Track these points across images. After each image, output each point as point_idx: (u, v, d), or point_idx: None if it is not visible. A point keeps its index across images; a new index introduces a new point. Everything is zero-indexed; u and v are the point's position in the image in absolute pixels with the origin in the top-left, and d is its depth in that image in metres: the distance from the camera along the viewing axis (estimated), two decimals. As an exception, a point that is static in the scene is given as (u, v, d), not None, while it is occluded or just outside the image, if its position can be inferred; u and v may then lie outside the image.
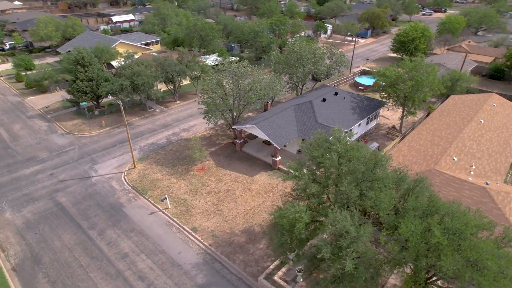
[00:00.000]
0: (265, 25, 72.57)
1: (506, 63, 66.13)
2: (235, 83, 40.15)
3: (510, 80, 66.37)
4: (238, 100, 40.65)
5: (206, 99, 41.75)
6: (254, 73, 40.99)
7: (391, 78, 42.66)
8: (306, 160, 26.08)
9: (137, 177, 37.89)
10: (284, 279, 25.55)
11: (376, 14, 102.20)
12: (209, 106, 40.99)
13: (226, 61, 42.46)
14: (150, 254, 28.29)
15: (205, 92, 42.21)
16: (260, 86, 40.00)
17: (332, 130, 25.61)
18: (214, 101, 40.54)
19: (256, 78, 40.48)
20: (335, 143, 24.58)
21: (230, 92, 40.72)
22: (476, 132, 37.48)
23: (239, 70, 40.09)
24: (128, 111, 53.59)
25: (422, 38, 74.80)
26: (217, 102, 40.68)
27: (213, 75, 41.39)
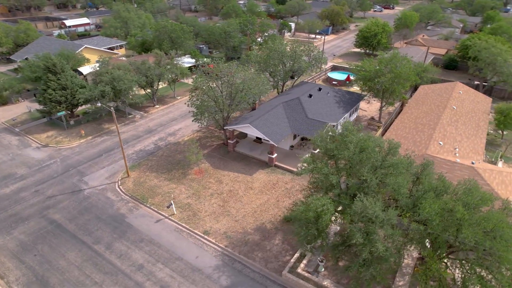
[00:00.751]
0: (235, 25, 72.78)
1: (458, 54, 72.38)
2: (226, 83, 40.13)
3: (462, 69, 72.67)
4: (230, 100, 40.67)
5: (196, 101, 41.29)
6: (246, 73, 41.21)
7: (371, 72, 45.09)
8: (319, 153, 27.06)
9: (133, 186, 36.59)
10: (306, 271, 26.33)
11: (336, 11, 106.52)
12: (200, 108, 40.59)
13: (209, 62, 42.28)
14: (167, 262, 27.64)
15: (195, 94, 41.70)
16: (251, 85, 40.34)
17: (344, 123, 26.79)
18: (204, 103, 40.20)
19: (248, 77, 40.76)
20: (348, 135, 25.79)
21: (219, 93, 40.60)
22: (452, 118, 40.93)
23: (231, 69, 40.14)
24: (106, 118, 51.27)
25: (383, 33, 79.53)
26: (208, 103, 40.38)
27: (203, 76, 40.97)
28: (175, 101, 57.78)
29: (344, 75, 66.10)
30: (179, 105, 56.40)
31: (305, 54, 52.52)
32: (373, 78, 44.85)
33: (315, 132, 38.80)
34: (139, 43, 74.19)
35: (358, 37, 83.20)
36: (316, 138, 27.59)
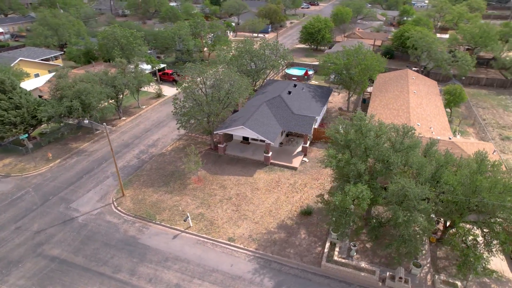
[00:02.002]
0: (187, 28, 70.95)
1: (393, 45, 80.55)
2: (216, 87, 39.40)
3: (398, 57, 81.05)
4: (218, 104, 39.96)
5: (181, 109, 39.89)
6: (233, 75, 40.81)
7: (341, 65, 48.12)
8: (334, 145, 28.57)
9: (133, 205, 34.08)
10: (341, 257, 27.63)
11: (273, 9, 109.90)
12: (187, 115, 39.27)
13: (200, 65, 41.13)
14: (203, 277, 26.61)
15: (179, 101, 40.20)
16: (239, 87, 40.18)
17: (356, 114, 28.56)
18: (193, 109, 38.99)
19: (235, 79, 40.47)
20: (363, 124, 27.63)
21: (206, 97, 39.73)
22: (417, 101, 45.85)
23: (218, 73, 39.50)
24: (70, 137, 46.41)
25: (326, 28, 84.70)
26: (194, 109, 39.24)
27: (190, 81, 39.56)
28: (141, 111, 54.58)
29: (302, 70, 68.97)
30: (146, 115, 53.45)
31: (272, 52, 53.72)
32: (343, 70, 47.92)
33: (303, 127, 40.82)
34: (82, 53, 67.98)
35: (303, 33, 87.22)
36: (332, 131, 29.00)
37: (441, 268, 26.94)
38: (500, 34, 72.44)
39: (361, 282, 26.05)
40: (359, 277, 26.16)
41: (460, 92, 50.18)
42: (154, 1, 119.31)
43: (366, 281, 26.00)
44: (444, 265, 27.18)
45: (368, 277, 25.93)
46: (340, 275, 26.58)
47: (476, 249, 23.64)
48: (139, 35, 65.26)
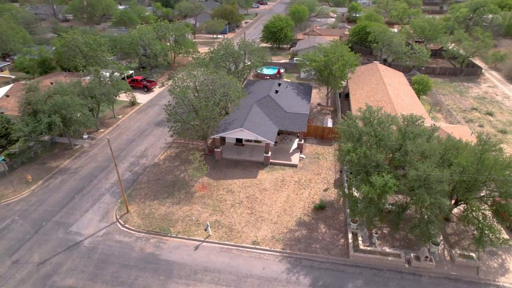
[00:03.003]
0: (152, 33, 68.09)
1: (352, 40, 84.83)
2: (210, 91, 38.49)
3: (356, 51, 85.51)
4: (215, 108, 39.09)
5: (176, 116, 38.51)
6: (227, 78, 40.11)
7: (321, 62, 49.71)
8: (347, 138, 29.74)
9: (142, 220, 32.23)
10: (366, 245, 28.83)
11: (229, 10, 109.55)
12: (185, 121, 38.02)
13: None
14: (239, 284, 26.11)
15: (172, 108, 38.75)
16: (235, 88, 39.72)
17: (366, 107, 29.89)
18: (190, 116, 37.80)
19: (231, 82, 39.88)
20: (374, 117, 29.06)
21: (201, 102, 38.73)
22: (394, 92, 49.03)
23: (214, 77, 38.66)
24: (45, 155, 42.38)
25: (288, 27, 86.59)
26: (190, 116, 38.09)
27: (185, 87, 38.14)
28: (118, 121, 51.45)
29: (274, 69, 69.85)
30: (125, 125, 50.54)
31: (250, 52, 53.76)
32: (325, 67, 49.58)
33: (298, 124, 41.66)
34: (36, 62, 62.11)
35: (265, 32, 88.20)
36: (344, 127, 30.11)
37: (453, 243, 29.32)
38: (445, 27, 79.80)
39: (389, 266, 27.45)
40: (386, 261, 27.54)
41: (427, 81, 54.62)
42: (101, 4, 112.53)
43: (394, 264, 27.46)
44: (455, 240, 29.61)
45: (395, 260, 27.42)
46: (369, 262, 27.75)
47: (488, 222, 26.14)
48: (102, 41, 61.28)
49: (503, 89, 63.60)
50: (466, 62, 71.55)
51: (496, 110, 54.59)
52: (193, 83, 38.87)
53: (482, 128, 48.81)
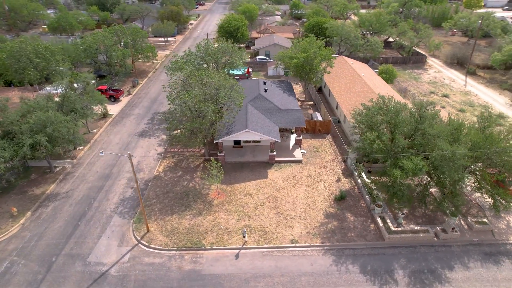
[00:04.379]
0: (110, 38, 63.01)
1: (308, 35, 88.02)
2: (212, 94, 37.14)
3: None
4: (220, 110, 37.88)
5: (177, 123, 36.59)
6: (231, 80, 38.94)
7: (301, 59, 50.92)
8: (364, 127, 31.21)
9: (167, 237, 30.10)
10: (396, 226, 30.61)
11: (175, 12, 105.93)
12: (191, 126, 36.26)
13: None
14: (294, 284, 25.91)
15: (173, 116, 36.70)
16: (237, 89, 38.84)
17: (380, 98, 31.56)
18: (195, 122, 36.12)
19: (234, 84, 38.87)
20: (390, 106, 30.89)
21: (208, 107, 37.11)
22: (371, 82, 52.24)
23: (220, 79, 37.32)
24: (21, 183, 37.13)
25: (244, 26, 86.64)
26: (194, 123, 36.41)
27: (191, 91, 36.10)
28: (94, 136, 46.94)
29: (244, 69, 69.45)
30: (105, 139, 46.33)
31: (228, 53, 52.98)
32: (305, 63, 50.90)
33: (295, 120, 42.42)
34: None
35: (220, 32, 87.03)
36: (358, 117, 31.50)
37: (464, 213, 32.53)
38: (389, 20, 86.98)
39: (421, 242, 29.54)
40: (418, 238, 29.60)
41: (392, 70, 59.20)
42: (27, 9, 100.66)
43: (425, 240, 29.62)
44: (464, 211, 32.86)
45: (426, 236, 29.60)
46: (403, 241, 29.54)
47: (499, 190, 29.53)
48: (56, 50, 55.14)
49: (447, 73, 71.65)
50: (412, 52, 78.96)
51: (449, 92, 61.32)
52: (198, 88, 36.95)
53: (444, 109, 54.49)
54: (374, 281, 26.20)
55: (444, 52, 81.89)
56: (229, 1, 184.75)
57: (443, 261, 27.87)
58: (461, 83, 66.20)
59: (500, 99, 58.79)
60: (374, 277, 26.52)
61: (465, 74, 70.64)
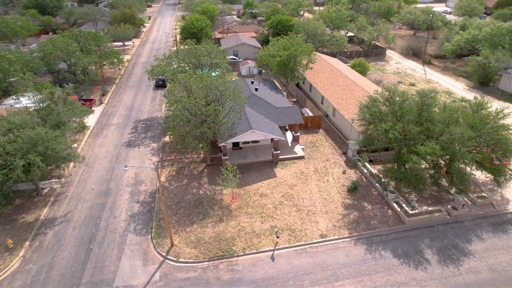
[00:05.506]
0: (73, 45, 57.99)
1: (270, 33, 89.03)
2: (219, 95, 35.96)
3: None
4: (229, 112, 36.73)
5: (181, 130, 34.99)
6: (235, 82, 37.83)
7: (284, 57, 51.37)
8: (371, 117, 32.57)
9: (195, 249, 28.67)
10: (411, 209, 32.32)
11: (129, 14, 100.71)
12: (198, 130, 34.83)
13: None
14: (338, 277, 26.21)
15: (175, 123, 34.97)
16: (239, 90, 37.99)
17: (385, 89, 33.04)
18: (202, 127, 34.75)
19: (236, 84, 37.89)
20: (397, 95, 32.54)
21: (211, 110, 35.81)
22: (351, 76, 54.36)
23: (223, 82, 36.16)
24: (5, 211, 32.90)
25: (207, 27, 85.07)
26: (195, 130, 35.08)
27: (186, 98, 34.49)
28: (77, 150, 42.93)
29: (217, 70, 68.07)
30: (89, 153, 42.68)
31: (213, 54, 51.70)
32: (288, 60, 51.46)
33: (293, 117, 42.95)
34: None
35: (184, 34, 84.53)
36: (366, 109, 32.76)
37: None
38: (348, 16, 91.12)
39: (437, 221, 31.57)
40: (434, 218, 31.59)
41: (364, 64, 62.19)
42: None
43: (440, 219, 31.71)
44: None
45: (440, 215, 31.70)
46: (421, 223, 31.33)
47: (498, 166, 32.52)
48: (14, 59, 49.46)
49: (407, 64, 77.11)
50: (372, 45, 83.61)
51: (414, 81, 66.05)
52: (201, 91, 35.46)
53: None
54: (409, 263, 27.48)
55: (399, 44, 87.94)
56: (176, 2, 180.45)
57: (460, 236, 30.09)
58: (421, 72, 71.67)
59: (457, 85, 64.70)
60: (407, 259, 27.81)
61: (422, 63, 76.62)
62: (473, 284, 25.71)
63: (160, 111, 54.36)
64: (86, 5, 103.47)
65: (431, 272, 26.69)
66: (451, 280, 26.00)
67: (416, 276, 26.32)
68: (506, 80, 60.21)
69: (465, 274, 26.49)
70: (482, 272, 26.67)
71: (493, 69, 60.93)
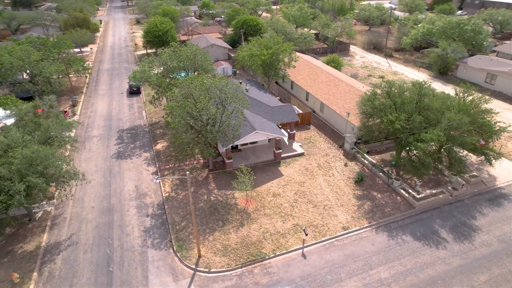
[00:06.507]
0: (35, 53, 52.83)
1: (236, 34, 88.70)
2: (223, 97, 35.02)
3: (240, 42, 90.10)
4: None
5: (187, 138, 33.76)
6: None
7: (267, 56, 51.55)
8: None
9: (224, 257, 27.85)
10: (417, 193, 34.30)
11: (82, 18, 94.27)
12: (200, 141, 33.81)
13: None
14: (371, 265, 27.07)
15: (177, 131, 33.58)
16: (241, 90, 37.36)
17: (385, 82, 34.63)
18: (211, 132, 33.74)
19: (238, 86, 37.12)
20: (397, 87, 34.31)
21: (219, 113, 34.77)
22: (332, 72, 56.02)
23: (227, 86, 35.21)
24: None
25: (172, 29, 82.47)
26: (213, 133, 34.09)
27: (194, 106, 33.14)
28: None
29: (191, 72, 66.26)
30: (78, 168, 39.27)
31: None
32: (273, 59, 51.74)
33: (288, 115, 43.51)
34: None
35: (148, 37, 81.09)
36: (368, 102, 34.21)
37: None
38: (311, 14, 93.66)
39: (442, 202, 33.88)
40: (439, 200, 33.85)
41: (338, 59, 64.51)
42: None
43: (444, 200, 34.06)
44: (454, 169, 38.65)
45: (443, 196, 34.05)
46: (429, 205, 33.43)
47: (488, 147, 35.59)
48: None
49: (371, 58, 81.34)
50: (336, 41, 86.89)
51: (382, 73, 69.91)
52: (203, 94, 34.28)
53: (387, 88, 61.99)
54: (428, 243, 29.20)
55: (359, 40, 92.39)
56: (124, 5, 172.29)
57: (465, 213, 32.61)
58: (386, 65, 76.08)
59: (421, 75, 69.65)
60: (427, 240, 29.53)
61: (385, 57, 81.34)
62: (488, 256, 28.04)
63: (141, 118, 51.75)
64: (23, 9, 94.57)
65: (451, 249, 28.62)
66: (470, 255, 28.10)
67: (439, 255, 28.06)
68: (463, 69, 66.10)
69: (480, 248, 28.79)
70: (493, 244, 29.17)
71: (450, 59, 66.53)
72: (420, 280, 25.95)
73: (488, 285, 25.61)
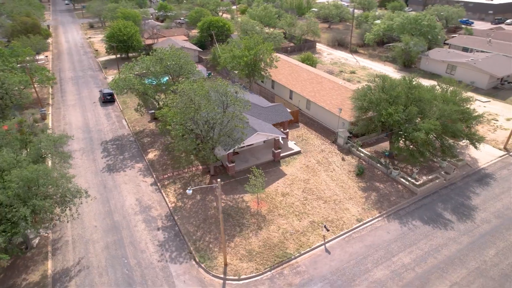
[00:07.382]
0: None
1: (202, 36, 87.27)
2: (225, 100, 34.25)
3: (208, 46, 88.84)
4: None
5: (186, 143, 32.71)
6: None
7: (250, 56, 51.40)
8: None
9: (250, 262, 27.42)
10: (416, 180, 36.32)
11: (30, 24, 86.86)
12: (207, 147, 32.93)
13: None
14: (392, 252, 28.20)
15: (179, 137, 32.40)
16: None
17: (379, 77, 36.21)
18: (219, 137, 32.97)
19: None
20: (390, 82, 36.02)
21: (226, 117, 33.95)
22: (313, 70, 57.12)
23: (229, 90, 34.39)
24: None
25: (137, 33, 79.04)
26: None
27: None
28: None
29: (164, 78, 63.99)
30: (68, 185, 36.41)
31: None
32: (256, 60, 51.69)
33: (282, 115, 43.99)
34: None
35: (110, 42, 76.95)
36: (362, 97, 35.63)
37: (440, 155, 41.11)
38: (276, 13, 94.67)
39: (438, 186, 36.20)
40: (436, 184, 36.14)
41: (312, 57, 66.10)
42: None
43: (440, 184, 36.41)
44: (440, 154, 41.53)
45: (439, 181, 36.41)
46: (429, 190, 35.54)
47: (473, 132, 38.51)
48: None
49: (338, 54, 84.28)
50: (302, 40, 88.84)
51: (352, 69, 72.81)
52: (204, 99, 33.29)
53: (360, 83, 64.81)
54: (437, 226, 31.10)
55: (323, 37, 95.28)
56: (71, 9, 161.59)
57: (461, 195, 35.15)
58: (353, 60, 79.33)
59: (387, 68, 73.60)
60: (434, 223, 31.43)
61: (350, 53, 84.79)
62: (490, 231, 30.52)
63: (123, 128, 49.05)
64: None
65: (457, 229, 30.73)
66: (475, 232, 30.38)
67: (450, 236, 30.01)
68: (425, 61, 70.97)
69: (482, 225, 31.24)
70: (491, 220, 31.79)
71: (413, 53, 71.09)
72: (439, 261, 27.56)
73: (498, 257, 27.89)
